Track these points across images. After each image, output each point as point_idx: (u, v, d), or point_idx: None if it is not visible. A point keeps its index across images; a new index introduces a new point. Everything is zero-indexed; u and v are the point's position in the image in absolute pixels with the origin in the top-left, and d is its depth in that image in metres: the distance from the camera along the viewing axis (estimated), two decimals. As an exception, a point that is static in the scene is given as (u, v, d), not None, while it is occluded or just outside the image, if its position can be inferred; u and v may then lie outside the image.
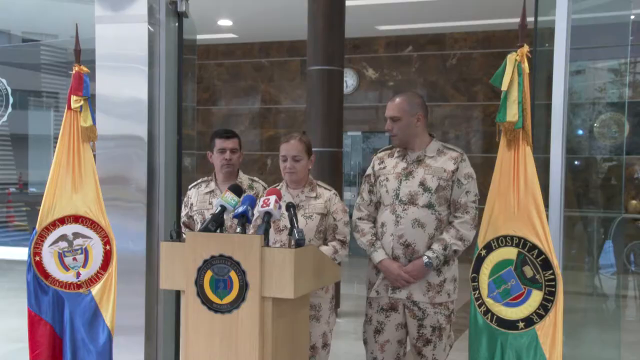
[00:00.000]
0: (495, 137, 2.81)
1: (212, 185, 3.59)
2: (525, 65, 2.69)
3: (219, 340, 2.57)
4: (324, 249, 3.16)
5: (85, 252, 3.32)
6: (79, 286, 3.32)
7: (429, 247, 3.16)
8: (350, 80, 10.59)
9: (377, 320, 3.30)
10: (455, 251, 3.18)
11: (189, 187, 3.68)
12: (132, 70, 3.75)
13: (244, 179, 3.64)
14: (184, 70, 3.92)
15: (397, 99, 3.23)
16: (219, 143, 3.56)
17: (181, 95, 3.89)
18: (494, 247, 2.74)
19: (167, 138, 3.82)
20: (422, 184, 3.19)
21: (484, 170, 9.60)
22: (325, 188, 3.30)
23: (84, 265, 3.32)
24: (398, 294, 3.21)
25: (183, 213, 3.62)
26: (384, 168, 3.34)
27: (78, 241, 3.32)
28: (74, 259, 3.32)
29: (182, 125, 3.91)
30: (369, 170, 3.44)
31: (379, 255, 3.22)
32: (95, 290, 3.31)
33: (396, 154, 3.33)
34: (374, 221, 3.32)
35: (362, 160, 11.44)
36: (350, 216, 3.37)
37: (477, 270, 2.78)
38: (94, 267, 3.33)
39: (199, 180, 3.69)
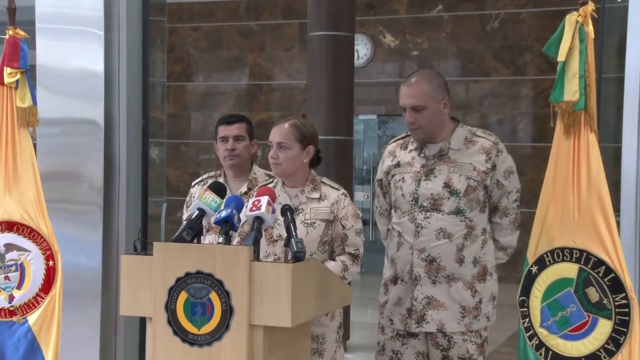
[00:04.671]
0: (549, 122, 2.80)
1: (221, 181, 3.60)
2: (590, 29, 2.68)
3: (196, 381, 2.58)
4: (330, 264, 3.16)
5: (21, 268, 3.32)
6: (12, 313, 3.31)
7: (458, 261, 3.20)
8: (362, 49, 10.59)
9: (392, 350, 3.34)
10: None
11: (193, 183, 3.76)
12: (84, 35, 3.75)
13: (259, 174, 3.67)
14: (151, 36, 3.91)
15: (416, 83, 3.26)
16: (220, 130, 3.66)
17: (147, 68, 3.89)
18: (548, 262, 2.74)
19: (130, 123, 3.82)
20: (447, 185, 3.23)
21: (535, 164, 9.58)
22: (332, 187, 3.30)
23: (19, 287, 3.32)
24: (425, 326, 3.24)
25: (185, 217, 3.59)
26: (397, 165, 3.38)
27: (11, 255, 3.32)
28: (6, 277, 3.32)
29: (149, 106, 3.91)
30: (379, 173, 3.49)
31: None
32: (33, 318, 3.31)
33: (410, 146, 3.37)
34: None
35: (377, 150, 11.42)
36: (364, 222, 3.40)
37: (526, 292, 2.77)
38: (32, 289, 3.32)
39: (204, 176, 3.75)
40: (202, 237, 2.80)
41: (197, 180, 3.75)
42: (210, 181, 3.62)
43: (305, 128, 3.25)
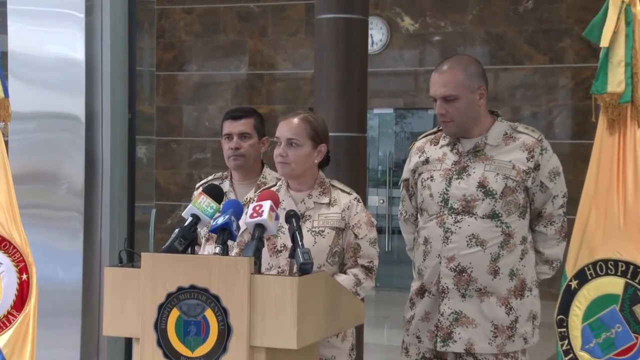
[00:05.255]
0: (590, 116, 2.80)
1: (227, 185, 3.63)
2: (638, 9, 2.68)
3: (189, 410, 2.58)
4: (341, 278, 3.16)
5: (-9, 282, 3.33)
6: (-19, 333, 3.33)
7: (492, 273, 3.20)
8: (377, 34, 10.59)
9: None
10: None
11: (197, 185, 3.77)
12: (62, 18, 3.76)
13: (269, 178, 3.67)
14: (138, 19, 3.92)
15: (449, 70, 3.25)
16: (225, 126, 3.67)
17: (134, 56, 3.90)
18: (589, 276, 2.73)
19: (114, 117, 3.83)
20: (481, 185, 3.22)
21: (574, 164, 9.52)
22: (343, 191, 3.30)
23: (-12, 304, 3.33)
24: (452, 345, 3.24)
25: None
26: (425, 162, 3.37)
27: (-21, 267, 3.33)
28: (-26, 293, 3.33)
29: (136, 99, 3.92)
30: (405, 172, 3.49)
31: None
32: (4, 339, 3.31)
33: (442, 141, 3.36)
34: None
35: (394, 149, 11.44)
36: (379, 231, 3.40)
37: (565, 310, 2.77)
38: (3, 306, 3.32)
39: (209, 177, 3.76)
40: (200, 247, 2.80)
41: (202, 182, 3.77)
42: (217, 183, 3.63)
43: (318, 124, 3.25)
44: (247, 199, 3.52)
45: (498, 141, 3.26)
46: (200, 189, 3.69)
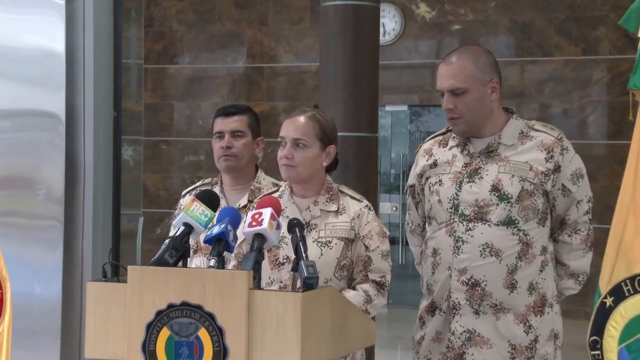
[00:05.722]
0: (628, 114, 2.80)
1: (217, 191, 3.64)
2: (679, -4, 2.69)
3: None
4: (349, 294, 3.17)
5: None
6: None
7: (509, 287, 3.20)
8: (390, 23, 10.59)
9: None
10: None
11: (183, 192, 3.81)
12: (40, 4, 3.77)
13: (264, 183, 3.71)
14: (125, 6, 3.93)
15: (457, 61, 3.28)
16: (216, 124, 3.71)
17: (120, 47, 3.90)
18: (627, 293, 2.74)
19: (98, 116, 3.83)
20: (495, 188, 3.23)
21: (610, 167, 9.52)
22: (353, 198, 3.31)
23: (-42, 322, 3.34)
24: None
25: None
26: (433, 165, 3.39)
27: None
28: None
29: (122, 94, 3.93)
30: (411, 178, 3.52)
31: None
32: (-24, 361, 3.33)
33: (452, 142, 3.38)
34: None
35: (408, 150, 11.44)
36: (392, 242, 3.41)
37: (599, 330, 2.77)
38: (-25, 325, 3.34)
39: (198, 183, 3.80)
40: (188, 259, 2.81)
41: (189, 189, 3.79)
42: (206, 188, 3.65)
43: (327, 122, 3.27)
44: (239, 205, 3.53)
45: (513, 140, 3.28)
46: (187, 196, 3.70)
